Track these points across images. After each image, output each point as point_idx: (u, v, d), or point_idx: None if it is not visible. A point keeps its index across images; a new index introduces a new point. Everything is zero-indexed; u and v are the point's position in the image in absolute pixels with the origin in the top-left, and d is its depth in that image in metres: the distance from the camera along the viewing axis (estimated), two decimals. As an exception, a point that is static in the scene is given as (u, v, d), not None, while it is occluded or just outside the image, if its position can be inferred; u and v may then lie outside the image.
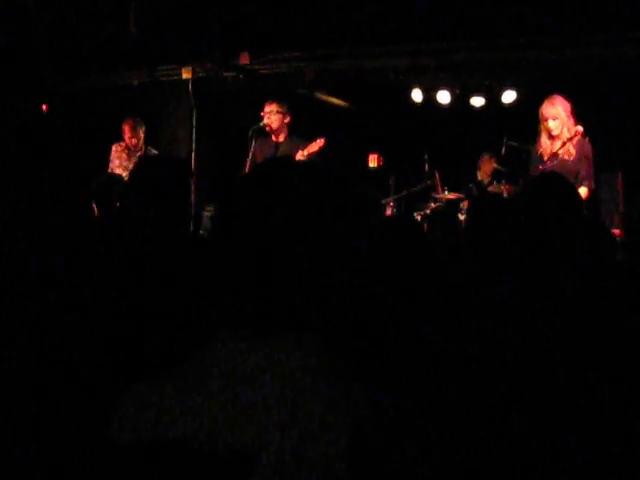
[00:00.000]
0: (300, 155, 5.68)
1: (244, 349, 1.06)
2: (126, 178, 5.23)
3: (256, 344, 1.06)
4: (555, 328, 1.73)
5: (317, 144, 5.74)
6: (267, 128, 5.92)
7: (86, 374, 1.53)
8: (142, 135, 6.59)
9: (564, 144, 5.07)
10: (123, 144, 6.61)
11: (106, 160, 6.71)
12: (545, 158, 5.15)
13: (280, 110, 5.88)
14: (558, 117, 5.09)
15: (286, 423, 0.99)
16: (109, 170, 6.56)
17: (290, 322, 1.09)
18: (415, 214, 6.99)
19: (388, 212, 7.29)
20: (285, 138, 5.98)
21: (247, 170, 5.74)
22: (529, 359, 1.66)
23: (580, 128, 5.09)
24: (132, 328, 1.60)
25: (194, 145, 7.51)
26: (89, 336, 1.59)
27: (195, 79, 7.62)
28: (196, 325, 1.49)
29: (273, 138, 6.01)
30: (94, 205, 4.60)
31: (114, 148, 6.67)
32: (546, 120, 5.13)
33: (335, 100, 8.40)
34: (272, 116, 5.88)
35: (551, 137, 5.16)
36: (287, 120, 5.95)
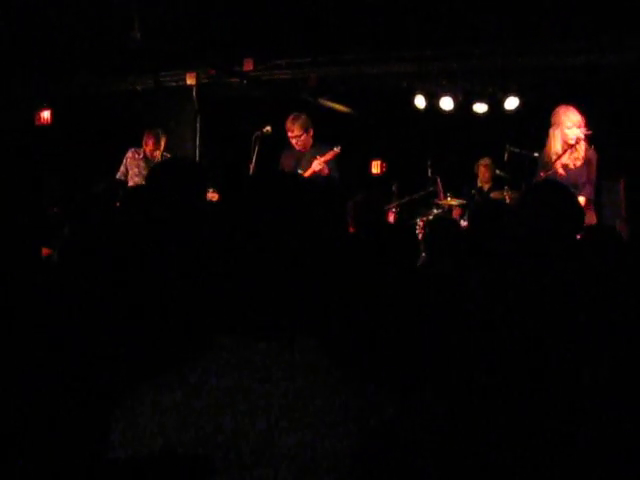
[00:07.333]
0: (317, 163, 5.67)
1: (245, 355, 1.07)
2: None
3: (257, 349, 1.07)
4: (551, 333, 1.74)
5: (333, 152, 5.75)
6: (300, 150, 5.93)
7: (83, 381, 1.54)
8: (163, 146, 6.52)
9: (570, 147, 5.01)
10: (142, 152, 6.50)
11: (111, 164, 6.63)
12: (554, 165, 5.04)
13: (303, 129, 5.85)
14: (582, 127, 4.99)
15: (293, 426, 1.00)
16: (119, 174, 6.47)
17: (289, 326, 1.10)
18: (418, 220, 7.01)
19: (390, 218, 7.30)
20: (310, 147, 5.96)
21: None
22: (523, 364, 1.68)
23: (582, 135, 5.06)
24: (131, 333, 1.61)
25: (198, 150, 7.55)
26: (85, 341, 1.61)
27: (199, 85, 7.67)
28: (195, 331, 1.50)
29: (297, 148, 5.98)
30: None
31: (131, 154, 6.55)
32: (569, 127, 4.99)
33: (338, 106, 8.42)
34: (300, 141, 5.88)
35: (566, 145, 5.02)
36: (311, 133, 5.95)
